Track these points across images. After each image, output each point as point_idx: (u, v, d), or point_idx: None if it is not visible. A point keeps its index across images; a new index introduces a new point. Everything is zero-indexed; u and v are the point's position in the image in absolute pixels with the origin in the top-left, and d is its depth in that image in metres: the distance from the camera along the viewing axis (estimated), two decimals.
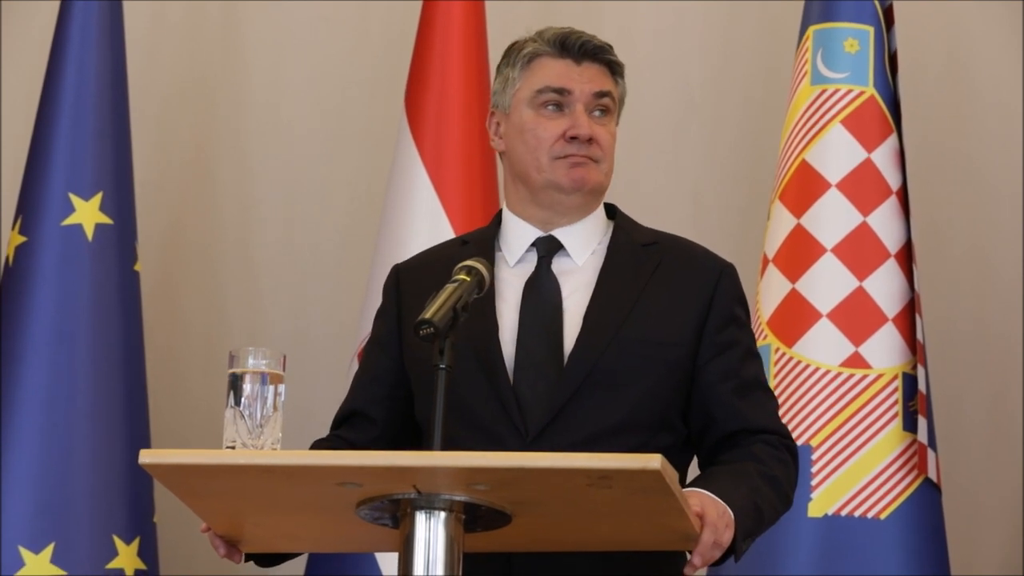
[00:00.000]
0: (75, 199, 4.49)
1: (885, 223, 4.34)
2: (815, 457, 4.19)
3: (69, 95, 4.53)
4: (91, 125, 4.53)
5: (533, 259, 2.94)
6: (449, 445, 2.56)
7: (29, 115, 4.64)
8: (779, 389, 4.22)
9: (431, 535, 2.49)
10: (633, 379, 2.82)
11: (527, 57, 2.95)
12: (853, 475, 4.19)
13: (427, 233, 4.40)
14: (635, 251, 2.94)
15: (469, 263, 2.69)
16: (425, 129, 4.59)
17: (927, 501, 4.22)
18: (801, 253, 4.34)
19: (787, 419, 4.17)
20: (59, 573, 4.30)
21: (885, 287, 4.30)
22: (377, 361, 3.00)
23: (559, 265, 2.93)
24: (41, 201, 4.48)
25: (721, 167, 5.07)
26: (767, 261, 4.39)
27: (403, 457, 2.46)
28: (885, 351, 4.26)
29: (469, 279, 2.66)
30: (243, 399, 2.55)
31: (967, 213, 4.95)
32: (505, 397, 2.81)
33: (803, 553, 4.17)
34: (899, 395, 4.25)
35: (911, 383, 4.25)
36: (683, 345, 2.87)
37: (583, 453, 2.62)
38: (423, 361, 2.68)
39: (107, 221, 4.51)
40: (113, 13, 4.62)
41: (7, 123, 5.03)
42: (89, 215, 4.49)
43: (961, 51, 5.02)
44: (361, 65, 5.18)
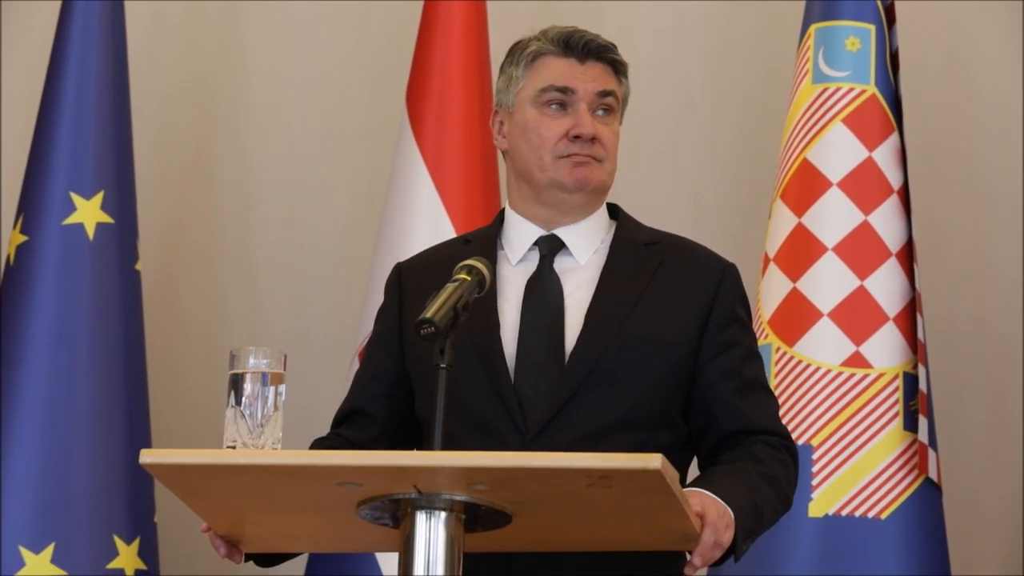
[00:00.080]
0: (76, 198, 4.49)
1: (886, 222, 4.34)
2: (816, 457, 4.19)
3: (70, 95, 4.53)
4: (92, 124, 4.52)
5: (535, 258, 2.94)
6: (450, 443, 2.55)
7: (30, 115, 4.64)
8: (780, 388, 4.22)
9: (431, 535, 2.49)
10: (634, 377, 2.82)
11: (531, 56, 2.95)
12: (854, 475, 4.18)
13: (428, 232, 4.40)
14: (637, 250, 2.94)
15: (470, 262, 2.69)
16: (426, 128, 4.59)
17: (928, 501, 4.22)
18: (802, 252, 4.33)
19: (788, 419, 4.17)
20: (59, 573, 4.29)
21: (886, 286, 4.30)
22: (378, 359, 3.00)
23: (561, 264, 2.93)
24: (42, 200, 4.48)
25: (721, 167, 5.07)
26: (768, 260, 4.39)
27: (403, 457, 2.46)
28: (886, 350, 4.26)
29: (470, 278, 2.66)
30: (244, 399, 2.55)
31: (967, 213, 4.95)
32: (506, 395, 2.81)
33: (803, 553, 4.16)
34: (900, 395, 4.24)
35: (912, 382, 4.25)
36: (685, 344, 2.86)
37: (583, 453, 2.62)
38: (424, 360, 2.68)
39: (108, 220, 4.51)
40: (114, 13, 4.62)
41: (8, 123, 5.03)
42: (90, 214, 4.49)
43: (961, 51, 5.02)
44: (361, 65, 5.17)
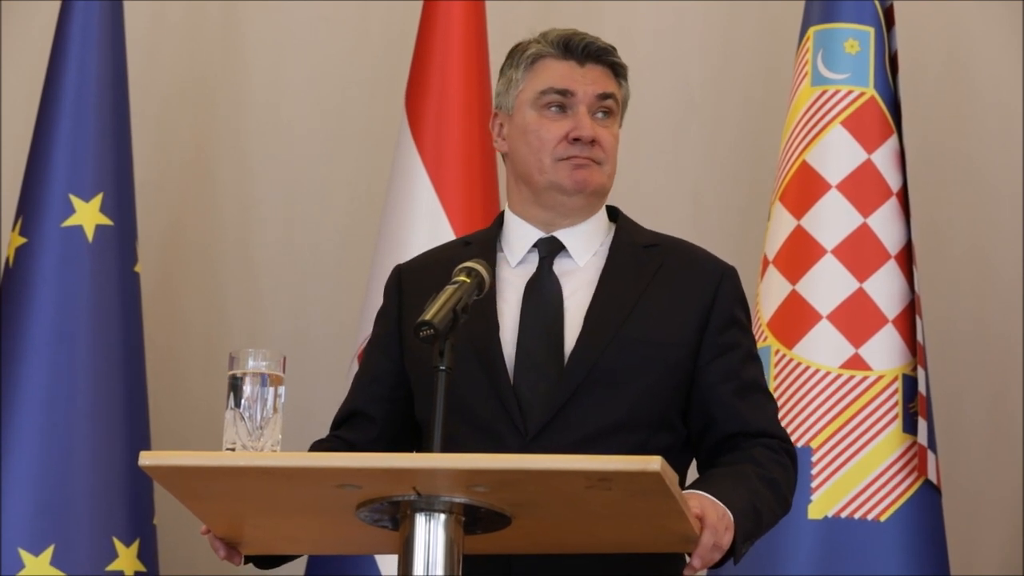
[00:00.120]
0: (75, 200, 4.49)
1: (885, 224, 4.34)
2: (815, 459, 4.19)
3: (69, 95, 4.53)
4: (92, 126, 4.52)
5: (535, 260, 2.94)
6: (449, 444, 2.55)
7: (29, 116, 4.63)
8: (779, 391, 4.22)
9: (431, 537, 2.49)
10: (633, 378, 2.82)
11: (531, 58, 2.95)
12: (853, 477, 4.18)
13: (427, 233, 4.41)
14: (637, 252, 2.94)
15: (469, 264, 2.69)
16: (425, 129, 4.59)
17: (927, 503, 4.22)
18: (801, 254, 4.33)
19: (787, 421, 4.17)
20: (59, 575, 4.30)
21: (885, 288, 4.30)
22: (377, 361, 3.00)
23: (560, 266, 2.93)
24: (41, 202, 4.48)
25: (721, 167, 5.07)
26: (767, 262, 4.39)
27: (403, 459, 2.47)
28: (885, 353, 4.26)
29: (469, 281, 2.66)
30: (243, 401, 2.55)
31: (967, 213, 4.95)
32: (505, 396, 2.81)
33: (803, 555, 4.16)
34: (899, 397, 4.24)
35: (911, 385, 4.25)
36: (684, 346, 2.86)
37: (583, 455, 2.62)
38: (423, 362, 2.68)
39: (107, 222, 4.51)
40: (113, 13, 4.62)
41: (7, 123, 5.03)
42: (89, 216, 4.48)
43: (961, 51, 5.02)
44: (361, 65, 5.17)
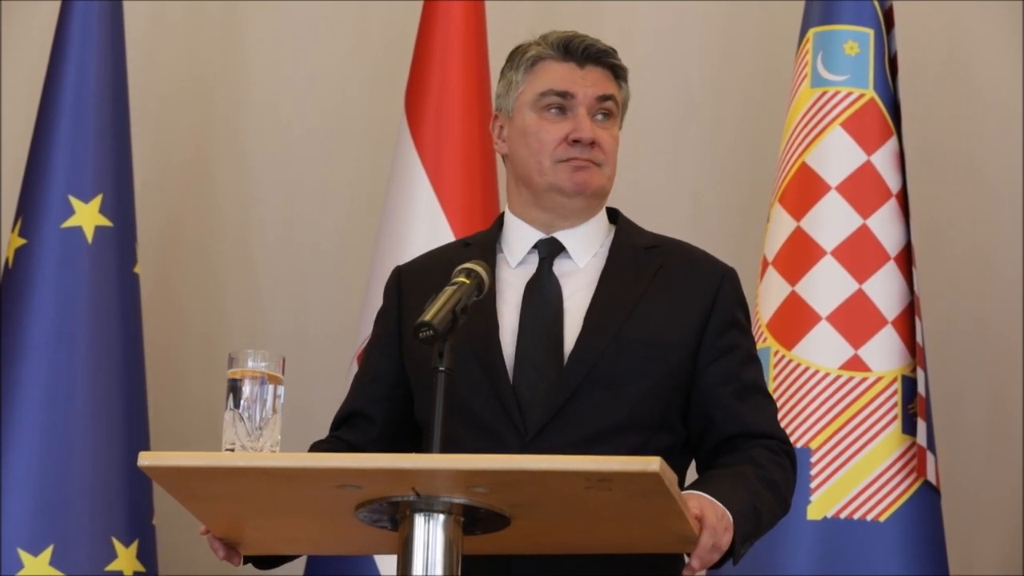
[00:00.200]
0: (75, 201, 4.49)
1: (885, 226, 4.34)
2: (814, 460, 4.19)
3: (69, 96, 4.52)
4: (91, 126, 4.52)
5: (535, 261, 2.94)
6: (449, 444, 2.55)
7: (29, 116, 4.63)
8: (778, 392, 4.22)
9: (430, 537, 2.49)
10: (633, 379, 2.82)
11: (530, 60, 2.96)
12: (852, 478, 4.18)
13: (427, 234, 4.41)
14: (637, 254, 2.94)
15: (468, 266, 2.69)
16: (425, 130, 4.59)
17: (926, 504, 4.22)
18: (801, 256, 4.33)
19: (786, 422, 4.17)
20: (58, 575, 4.30)
21: (885, 290, 4.30)
22: (377, 362, 3.00)
23: (560, 267, 2.93)
24: (41, 203, 4.48)
25: (721, 167, 5.07)
26: (767, 263, 4.39)
27: (402, 460, 2.46)
28: (884, 354, 4.26)
29: (468, 282, 2.66)
30: (242, 401, 2.55)
31: (967, 213, 4.95)
32: (505, 397, 2.81)
33: (802, 555, 4.16)
34: (898, 398, 4.24)
35: (910, 386, 4.25)
36: (684, 347, 2.87)
37: (583, 456, 2.62)
38: (423, 363, 2.68)
39: (107, 223, 4.51)
40: (113, 13, 4.62)
41: (7, 124, 5.03)
42: (89, 217, 4.48)
43: (961, 51, 5.02)
44: (361, 65, 5.17)
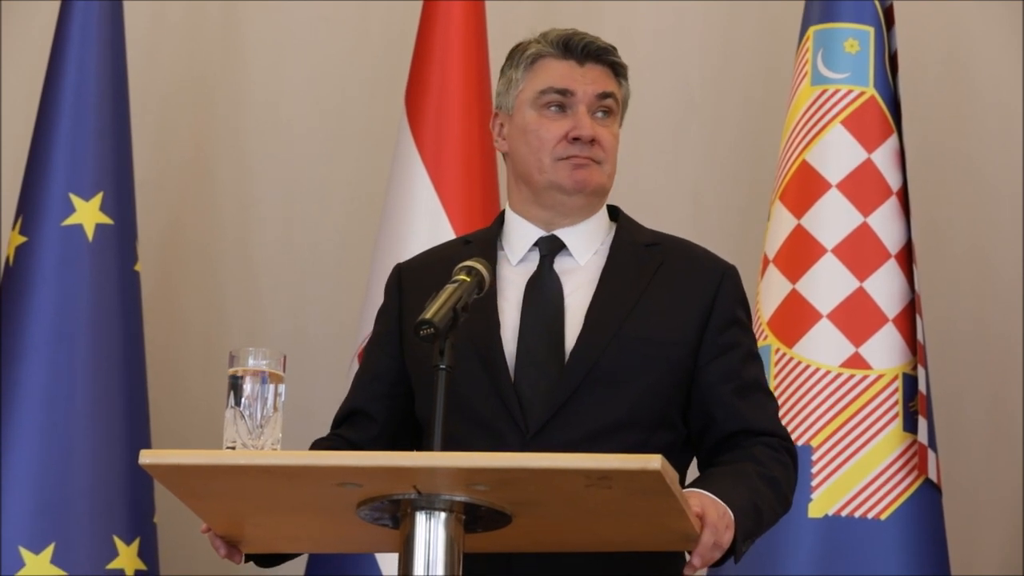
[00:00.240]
0: (75, 199, 4.49)
1: (885, 224, 4.34)
2: (815, 458, 4.19)
3: (69, 95, 4.53)
4: (91, 125, 4.52)
5: (535, 258, 2.94)
6: (450, 442, 2.55)
7: (29, 115, 4.63)
8: (779, 390, 4.22)
9: (431, 535, 2.49)
10: (634, 377, 2.82)
11: (530, 58, 2.96)
12: (853, 476, 4.18)
13: (427, 233, 4.41)
14: (637, 251, 2.94)
15: (469, 263, 2.69)
16: (425, 129, 4.59)
17: (927, 502, 4.22)
18: (801, 254, 4.33)
19: (787, 420, 4.17)
20: (59, 574, 4.29)
21: (885, 288, 4.30)
22: (378, 360, 3.00)
23: (561, 264, 2.93)
24: (41, 201, 4.48)
25: (721, 167, 5.07)
26: (767, 261, 4.39)
27: (403, 457, 2.46)
28: (885, 352, 4.26)
29: (469, 279, 2.66)
30: (243, 399, 2.55)
31: (967, 213, 4.95)
32: (506, 394, 2.81)
33: (803, 553, 4.16)
34: (899, 396, 4.24)
35: (911, 384, 4.25)
36: (684, 345, 2.87)
37: (583, 454, 2.62)
38: (423, 361, 2.68)
39: (107, 221, 4.51)
40: (113, 13, 4.62)
41: (7, 123, 5.03)
42: (89, 215, 4.48)
43: (961, 51, 5.02)
44: (361, 65, 5.17)
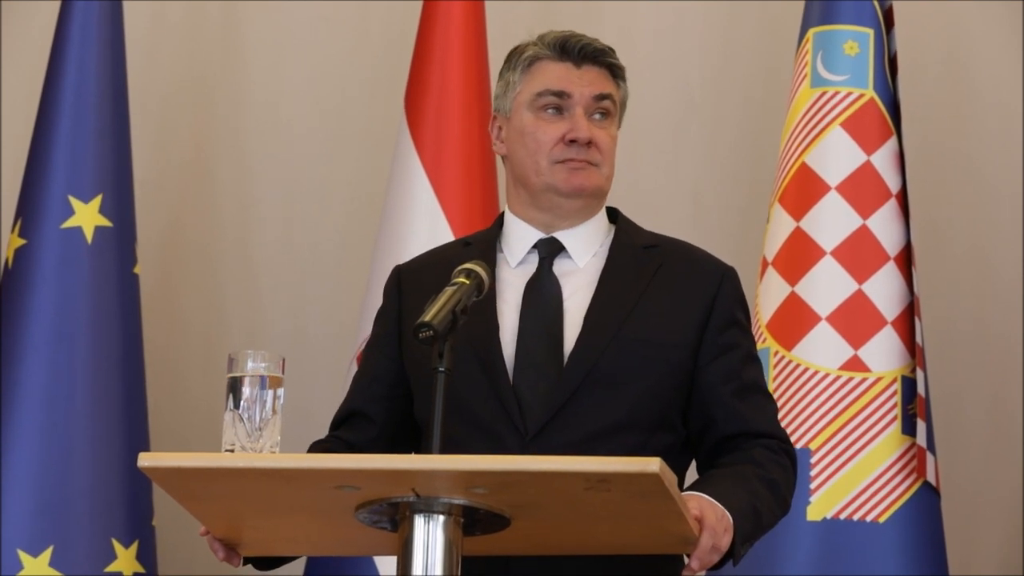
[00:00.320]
0: (75, 202, 4.49)
1: (885, 226, 4.34)
2: (814, 460, 4.19)
3: (69, 96, 4.52)
4: (91, 127, 4.52)
5: (535, 260, 2.94)
6: (449, 444, 2.55)
7: (29, 116, 4.63)
8: (778, 392, 4.22)
9: (430, 538, 2.49)
10: (633, 379, 2.82)
11: (527, 61, 2.96)
12: (852, 478, 4.18)
13: (426, 234, 4.41)
14: (636, 253, 2.94)
15: (468, 266, 2.70)
16: (424, 130, 4.59)
17: (926, 504, 4.22)
18: (800, 256, 4.33)
19: (786, 422, 4.17)
20: None
21: (884, 290, 4.30)
22: (377, 361, 3.00)
23: (560, 266, 2.93)
24: (41, 203, 4.48)
25: (721, 167, 5.07)
26: (766, 264, 4.39)
27: (402, 460, 2.47)
28: (884, 354, 4.26)
29: (468, 282, 2.66)
30: (242, 402, 2.55)
31: (967, 213, 4.95)
32: (505, 396, 2.81)
33: (802, 556, 4.16)
34: (898, 398, 4.24)
35: (910, 386, 4.25)
36: (684, 347, 2.87)
37: (582, 457, 2.62)
38: (422, 363, 2.68)
39: (107, 224, 4.51)
40: (113, 13, 4.62)
41: (7, 124, 5.02)
42: (89, 218, 4.48)
43: (961, 51, 5.02)
44: (361, 65, 5.17)
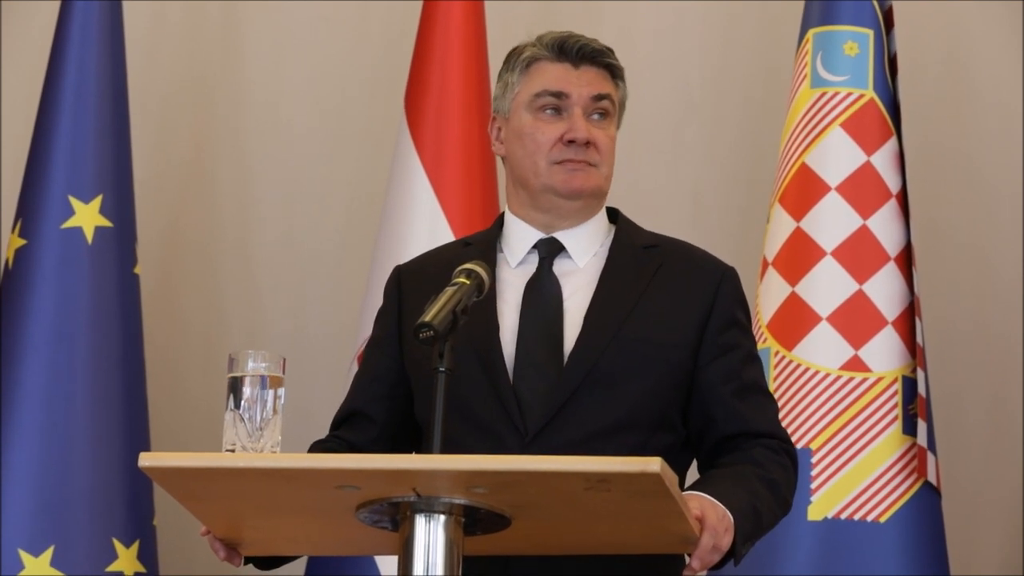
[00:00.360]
0: (75, 202, 4.49)
1: (885, 226, 4.34)
2: (815, 460, 4.19)
3: (69, 96, 4.52)
4: (91, 127, 4.52)
5: (535, 261, 2.94)
6: (449, 444, 2.56)
7: (29, 116, 4.63)
8: (779, 392, 4.22)
9: (430, 538, 2.49)
10: (633, 379, 2.82)
11: (526, 62, 2.96)
12: (853, 478, 4.18)
13: (426, 234, 4.41)
14: (636, 253, 2.94)
15: (468, 266, 2.70)
16: (424, 130, 4.59)
17: (927, 504, 4.22)
18: (801, 256, 4.33)
19: (787, 422, 4.17)
20: None
21: (885, 290, 4.30)
22: (377, 361, 3.00)
23: (560, 266, 2.93)
24: (41, 204, 4.48)
25: (721, 167, 5.07)
26: (767, 264, 4.39)
27: (402, 460, 2.47)
28: (885, 354, 4.26)
29: (469, 282, 2.66)
30: (243, 402, 2.55)
31: (967, 213, 4.95)
32: (505, 396, 2.81)
33: (802, 556, 4.16)
34: (899, 398, 4.24)
35: (911, 386, 4.25)
36: (684, 346, 2.87)
37: (582, 456, 2.62)
38: (423, 363, 2.69)
39: (107, 224, 4.51)
40: (113, 13, 4.62)
41: (7, 124, 5.02)
42: (89, 218, 4.48)
43: (961, 51, 5.02)
44: (361, 65, 5.17)
